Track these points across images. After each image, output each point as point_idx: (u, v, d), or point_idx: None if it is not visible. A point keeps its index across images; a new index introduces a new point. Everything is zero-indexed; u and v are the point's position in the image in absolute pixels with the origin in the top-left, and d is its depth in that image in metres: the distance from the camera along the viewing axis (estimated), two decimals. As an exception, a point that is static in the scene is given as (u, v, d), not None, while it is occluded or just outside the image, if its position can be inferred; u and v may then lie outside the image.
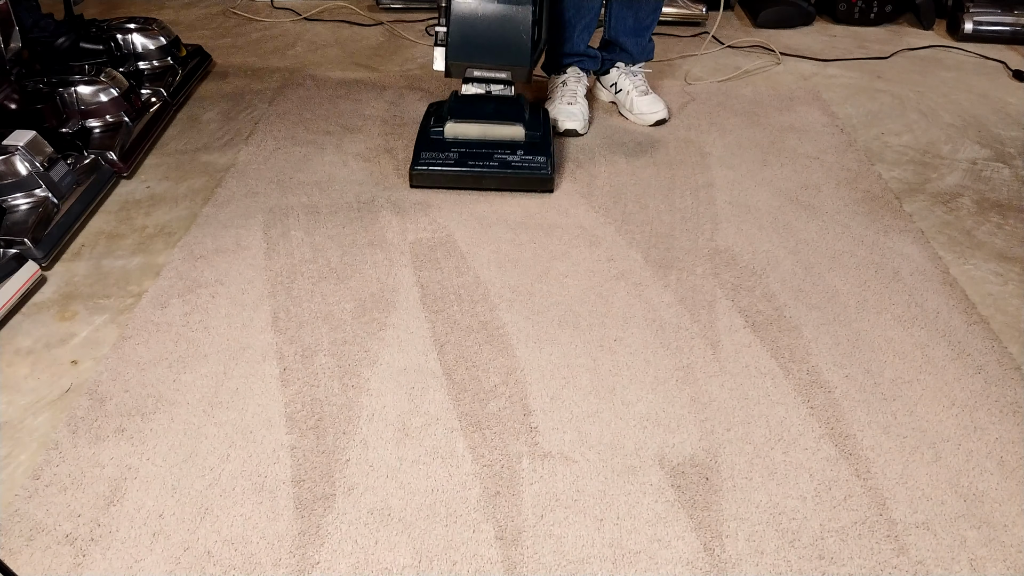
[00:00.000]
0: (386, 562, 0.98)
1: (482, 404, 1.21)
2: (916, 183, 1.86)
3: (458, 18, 1.74)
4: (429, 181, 1.74)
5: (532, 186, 1.75)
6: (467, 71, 1.80)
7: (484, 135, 1.78)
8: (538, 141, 1.79)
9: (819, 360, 1.31)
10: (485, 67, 1.79)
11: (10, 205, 1.56)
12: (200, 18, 2.89)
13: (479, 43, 1.76)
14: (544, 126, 1.84)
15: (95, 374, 1.26)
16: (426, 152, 1.76)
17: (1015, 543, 1.02)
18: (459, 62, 1.79)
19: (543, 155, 1.76)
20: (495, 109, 1.82)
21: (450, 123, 1.78)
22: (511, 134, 1.78)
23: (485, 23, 1.74)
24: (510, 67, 1.79)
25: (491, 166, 1.74)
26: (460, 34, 1.75)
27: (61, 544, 1.00)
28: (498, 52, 1.77)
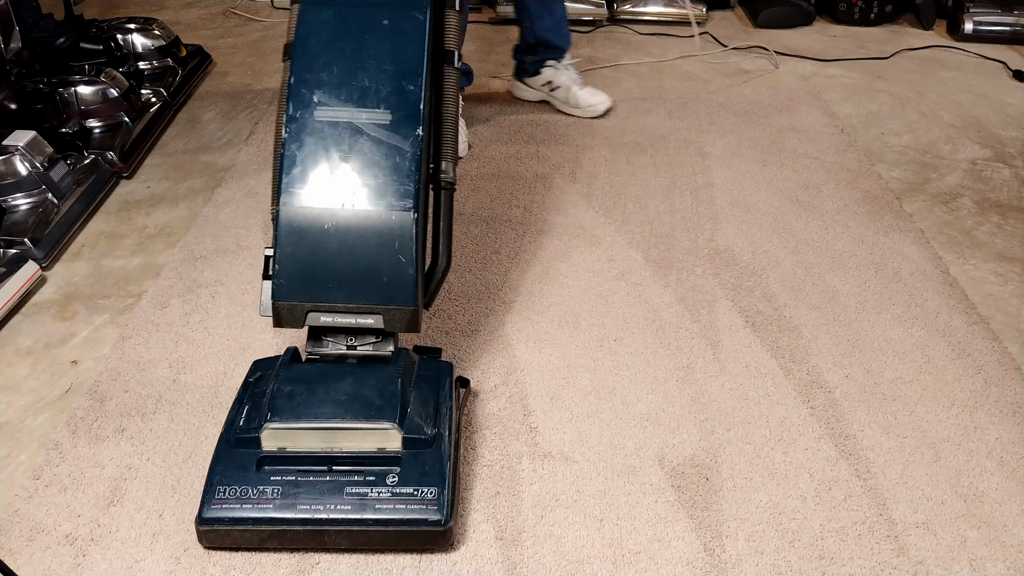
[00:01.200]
0: (386, 562, 0.98)
1: (482, 404, 1.21)
2: (916, 183, 1.86)
3: (292, 233, 1.05)
4: (228, 541, 0.99)
5: (410, 542, 0.99)
6: (310, 317, 1.06)
7: (331, 446, 1.02)
8: (427, 452, 1.02)
9: (819, 360, 1.31)
10: (342, 309, 1.06)
11: (10, 205, 1.56)
12: (200, 18, 2.89)
13: (329, 271, 1.05)
14: (441, 411, 1.07)
15: (95, 374, 1.26)
16: (225, 485, 0.98)
17: (1015, 543, 1.02)
18: (293, 302, 1.06)
19: (435, 483, 0.99)
20: (353, 392, 1.04)
21: (269, 425, 1.01)
22: (378, 442, 1.02)
23: (338, 240, 1.05)
24: (382, 307, 1.06)
25: (337, 511, 0.97)
26: (297, 258, 1.05)
27: (61, 544, 1.00)
28: (363, 284, 1.06)
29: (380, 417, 1.01)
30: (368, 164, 1.05)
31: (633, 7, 2.89)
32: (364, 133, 1.06)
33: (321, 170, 1.05)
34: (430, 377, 1.10)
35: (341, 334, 1.09)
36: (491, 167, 1.87)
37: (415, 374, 1.09)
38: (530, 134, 2.03)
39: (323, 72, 1.08)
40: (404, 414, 1.02)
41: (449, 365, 1.15)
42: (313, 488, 0.98)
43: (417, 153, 1.06)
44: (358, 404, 1.02)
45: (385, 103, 1.07)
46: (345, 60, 1.08)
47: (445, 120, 1.15)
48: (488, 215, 1.68)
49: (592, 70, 2.46)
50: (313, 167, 1.05)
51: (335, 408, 1.02)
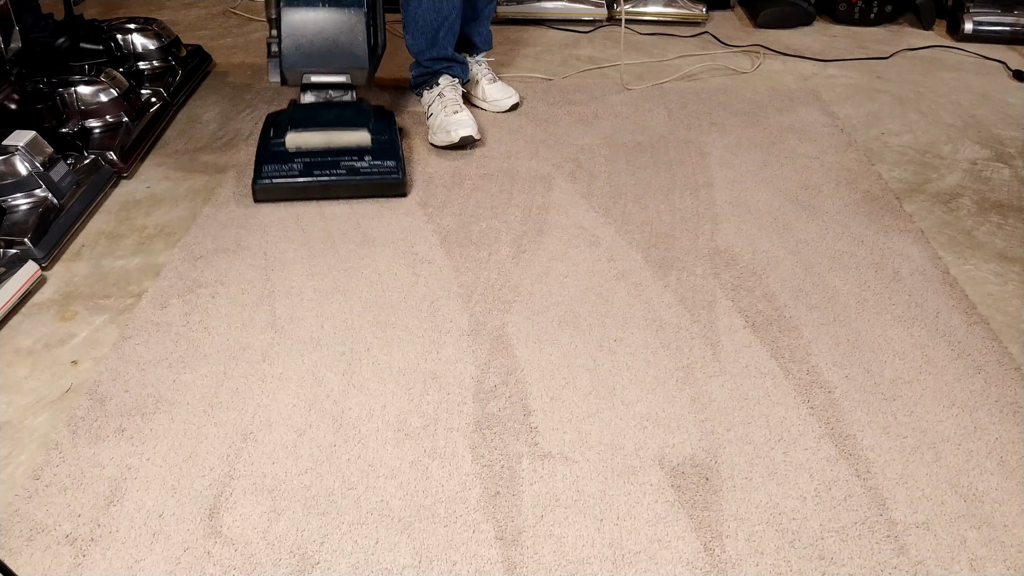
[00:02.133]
0: (386, 562, 0.98)
1: (482, 404, 1.21)
2: (916, 183, 1.86)
3: (290, 26, 1.71)
4: (274, 195, 1.68)
5: (383, 191, 1.70)
6: (304, 77, 1.75)
7: (328, 143, 1.71)
8: (386, 146, 1.73)
9: (819, 360, 1.31)
10: (322, 72, 1.75)
11: (10, 205, 1.56)
12: (200, 18, 2.89)
13: (314, 49, 1.72)
14: (391, 130, 1.79)
15: (95, 374, 1.26)
16: (268, 165, 1.68)
17: (1015, 543, 1.02)
18: (295, 68, 1.74)
19: (392, 159, 1.71)
20: (337, 115, 1.76)
21: (291, 133, 1.70)
22: (356, 140, 1.72)
23: (318, 28, 1.71)
24: (348, 70, 1.75)
25: (338, 174, 1.68)
26: (294, 41, 1.71)
27: (61, 544, 1.00)
28: (335, 56, 1.74)
29: (357, 125, 1.73)
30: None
31: (633, 7, 2.89)
32: None
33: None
34: (381, 113, 1.86)
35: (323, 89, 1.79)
36: (491, 167, 1.87)
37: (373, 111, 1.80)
38: (530, 134, 2.03)
39: None
40: (369, 125, 1.74)
41: (391, 111, 1.90)
42: (322, 164, 1.69)
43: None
44: (343, 119, 1.74)
45: None
46: None
47: None
48: (488, 215, 1.68)
49: (591, 70, 2.47)
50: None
51: (329, 122, 1.73)
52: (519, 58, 2.55)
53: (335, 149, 1.70)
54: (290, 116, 1.73)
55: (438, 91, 2.00)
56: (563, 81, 2.35)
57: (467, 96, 2.13)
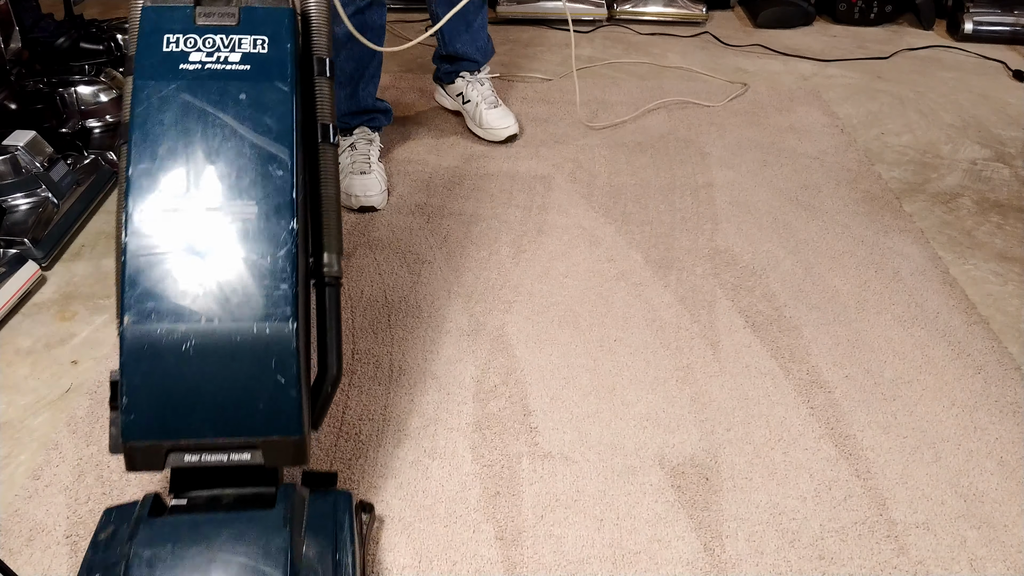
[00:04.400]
0: (386, 562, 0.98)
1: (482, 404, 1.21)
2: (916, 183, 1.86)
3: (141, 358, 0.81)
4: None
5: None
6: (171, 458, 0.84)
7: None
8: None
9: (819, 360, 1.31)
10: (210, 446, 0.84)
11: (10, 205, 1.56)
12: (200, 18, 2.89)
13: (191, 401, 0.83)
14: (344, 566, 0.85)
15: (95, 374, 1.26)
16: None
17: (1015, 543, 1.02)
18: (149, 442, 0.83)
19: None
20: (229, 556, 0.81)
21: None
22: None
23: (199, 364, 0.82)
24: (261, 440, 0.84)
25: None
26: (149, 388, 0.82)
27: (61, 544, 1.00)
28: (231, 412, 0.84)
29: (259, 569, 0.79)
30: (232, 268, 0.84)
31: (633, 7, 2.89)
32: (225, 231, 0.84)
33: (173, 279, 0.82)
34: (325, 516, 0.88)
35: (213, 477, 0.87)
36: (491, 167, 1.87)
37: (306, 515, 0.88)
38: (530, 134, 2.03)
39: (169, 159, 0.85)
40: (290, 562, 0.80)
41: (347, 496, 0.92)
42: None
43: (292, 250, 0.85)
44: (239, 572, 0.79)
45: (248, 194, 0.85)
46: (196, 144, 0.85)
47: (324, 204, 0.96)
48: (488, 215, 1.68)
49: (590, 68, 2.47)
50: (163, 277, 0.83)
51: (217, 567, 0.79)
52: (519, 58, 2.55)
53: None
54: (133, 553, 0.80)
55: (350, 142, 1.74)
56: (563, 81, 2.35)
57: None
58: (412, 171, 1.84)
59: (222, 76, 0.86)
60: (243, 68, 0.86)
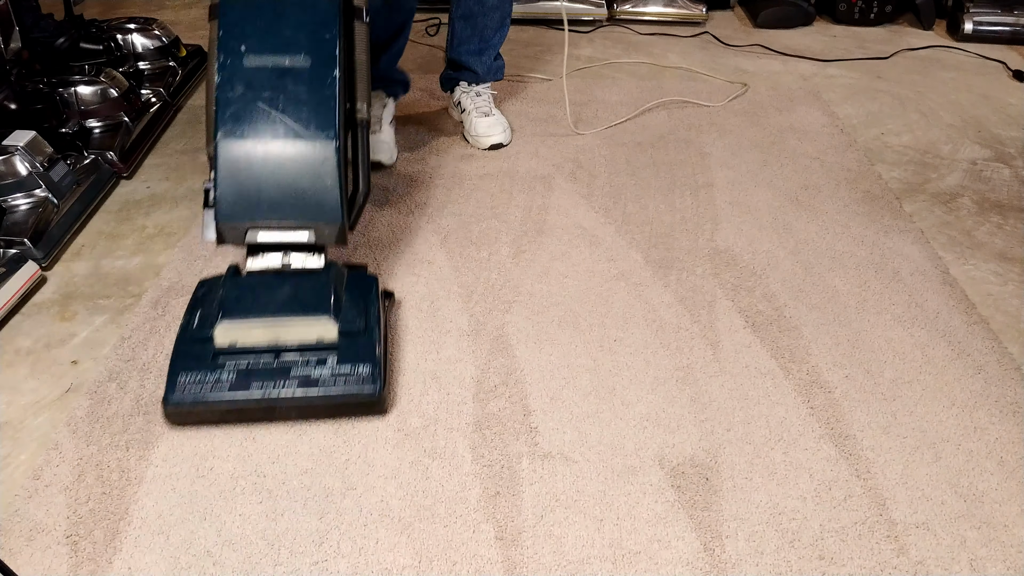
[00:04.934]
0: (386, 562, 0.98)
1: (482, 404, 1.21)
2: (916, 183, 1.86)
3: (229, 162, 1.18)
4: (192, 419, 1.15)
5: (351, 412, 1.17)
6: (248, 234, 1.20)
7: (275, 339, 1.16)
8: (360, 341, 1.17)
9: (819, 360, 1.31)
10: (274, 226, 1.21)
11: (10, 205, 1.56)
12: (200, 18, 2.89)
13: (264, 194, 1.19)
14: (368, 312, 1.21)
15: (95, 374, 1.26)
16: (186, 373, 1.13)
17: (1015, 543, 1.02)
18: (235, 223, 1.20)
19: (367, 361, 1.16)
20: (292, 294, 1.19)
21: (222, 323, 1.15)
22: (317, 333, 1.16)
23: (270, 166, 1.19)
24: (314, 225, 1.21)
25: (287, 389, 1.13)
26: (234, 184, 1.19)
27: (61, 544, 1.00)
28: (294, 204, 1.20)
29: (318, 311, 1.16)
30: (293, 101, 1.21)
31: (633, 7, 2.89)
32: (288, 76, 1.21)
33: (252, 108, 1.20)
34: (359, 285, 1.26)
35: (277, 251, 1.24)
36: (491, 167, 1.87)
37: (346, 282, 1.24)
38: (530, 134, 2.03)
39: (248, 26, 1.22)
40: (339, 310, 1.18)
41: (375, 277, 1.30)
42: (263, 372, 1.13)
43: (335, 92, 1.21)
44: (297, 302, 1.18)
45: (305, 50, 1.22)
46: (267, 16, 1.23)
47: (357, 67, 1.30)
48: (488, 215, 1.68)
49: (589, 68, 2.47)
50: (245, 106, 1.20)
51: (278, 306, 1.17)
52: (519, 58, 2.55)
53: (285, 347, 1.16)
54: (223, 296, 1.18)
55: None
56: (563, 81, 2.34)
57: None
58: (412, 171, 1.84)
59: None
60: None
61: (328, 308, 1.17)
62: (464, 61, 1.97)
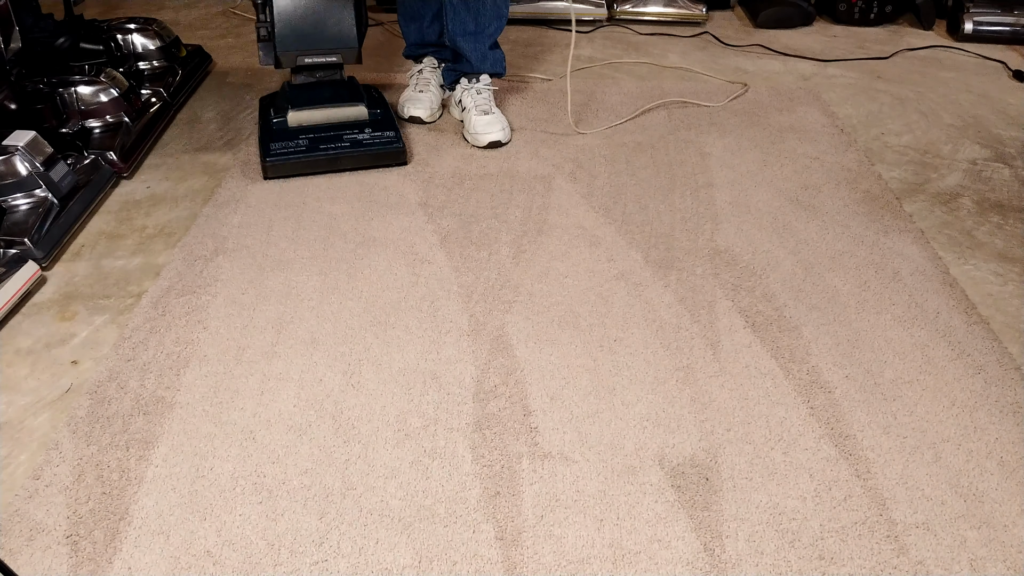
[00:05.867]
0: (386, 562, 0.98)
1: (482, 404, 1.21)
2: (916, 183, 1.86)
3: (282, 10, 1.81)
4: (284, 170, 1.77)
5: (386, 160, 1.82)
6: (298, 59, 1.85)
7: (328, 119, 1.84)
8: (382, 118, 1.87)
9: (819, 360, 1.31)
10: (315, 53, 1.85)
11: (10, 205, 1.56)
12: (200, 18, 2.89)
13: (306, 31, 1.82)
14: (382, 104, 1.91)
15: (95, 374, 1.26)
16: (275, 143, 1.78)
17: (1015, 543, 1.02)
18: (289, 51, 1.83)
19: (391, 129, 1.84)
20: (334, 93, 1.87)
21: (292, 112, 1.82)
22: (355, 114, 1.85)
23: (309, 11, 1.81)
24: (340, 50, 1.86)
25: (343, 147, 1.79)
26: (287, 24, 1.81)
27: (61, 544, 1.00)
28: (325, 37, 1.84)
29: (354, 100, 1.87)
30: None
31: (633, 7, 2.89)
32: None
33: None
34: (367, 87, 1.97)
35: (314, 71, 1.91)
36: (491, 167, 1.87)
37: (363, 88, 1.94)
38: (530, 134, 2.03)
39: None
40: (365, 100, 1.88)
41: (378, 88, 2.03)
42: (325, 138, 1.81)
43: None
44: (339, 96, 1.88)
45: None
46: None
47: None
48: (488, 215, 1.68)
49: (590, 68, 2.47)
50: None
51: (327, 100, 1.86)
52: (519, 58, 2.55)
53: (335, 124, 1.83)
54: (289, 96, 1.85)
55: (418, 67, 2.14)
56: (563, 81, 2.35)
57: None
58: (413, 171, 1.84)
59: None
60: None
61: (361, 98, 1.88)
62: (458, 45, 1.97)
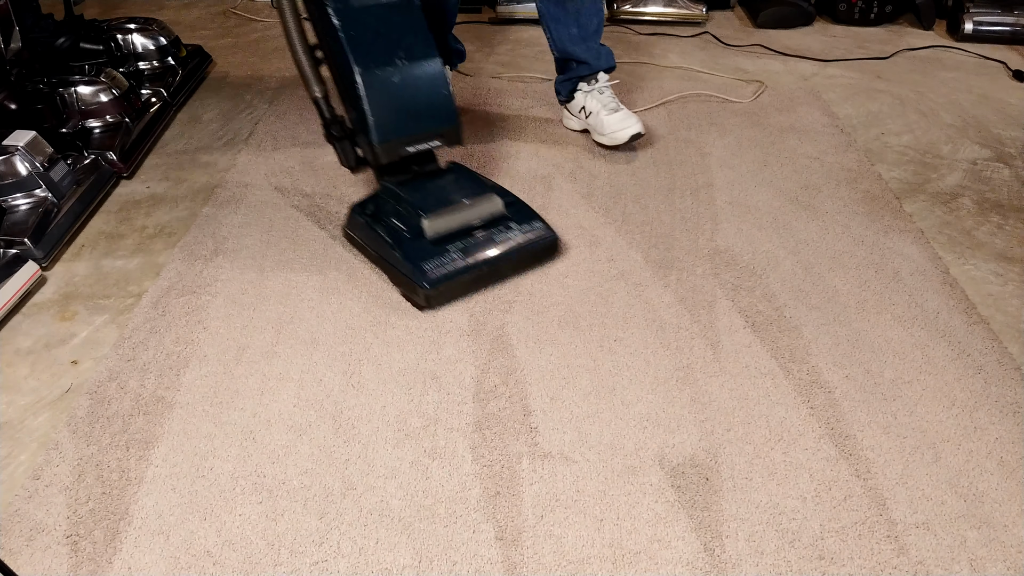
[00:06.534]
0: (386, 562, 0.98)
1: (482, 404, 1.21)
2: (916, 183, 1.86)
3: (375, 92, 1.42)
4: (448, 295, 1.41)
5: (547, 256, 1.52)
6: (401, 150, 1.47)
7: (467, 221, 1.46)
8: (518, 205, 1.53)
9: (819, 360, 1.31)
10: (419, 139, 1.48)
11: (10, 205, 1.56)
12: (200, 18, 2.89)
13: (406, 110, 1.45)
14: (501, 187, 1.58)
15: (95, 374, 1.26)
16: (426, 263, 1.38)
17: (1015, 543, 1.02)
18: (391, 141, 1.45)
19: (535, 217, 1.51)
20: (456, 187, 1.51)
21: (427, 220, 1.41)
22: (492, 209, 1.48)
23: (402, 87, 1.45)
24: (442, 131, 1.50)
25: (502, 253, 1.44)
26: (384, 105, 1.43)
27: (61, 544, 1.00)
28: (424, 115, 1.48)
29: (485, 192, 1.49)
30: (400, 31, 1.46)
31: (633, 7, 2.89)
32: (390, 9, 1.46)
33: (373, 40, 1.43)
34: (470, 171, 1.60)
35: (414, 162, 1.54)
36: (491, 167, 1.87)
37: None
38: (530, 134, 2.03)
39: None
40: (493, 188, 1.52)
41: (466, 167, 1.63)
42: (478, 245, 1.43)
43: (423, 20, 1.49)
44: (466, 190, 1.49)
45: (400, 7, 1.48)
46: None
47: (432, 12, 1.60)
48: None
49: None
50: (367, 39, 1.43)
51: (458, 196, 1.47)
52: (519, 58, 2.55)
53: (476, 225, 1.46)
54: (409, 200, 1.45)
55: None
56: (563, 81, 2.34)
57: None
58: (412, 171, 1.84)
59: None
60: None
61: (491, 188, 1.51)
62: (571, 52, 1.91)
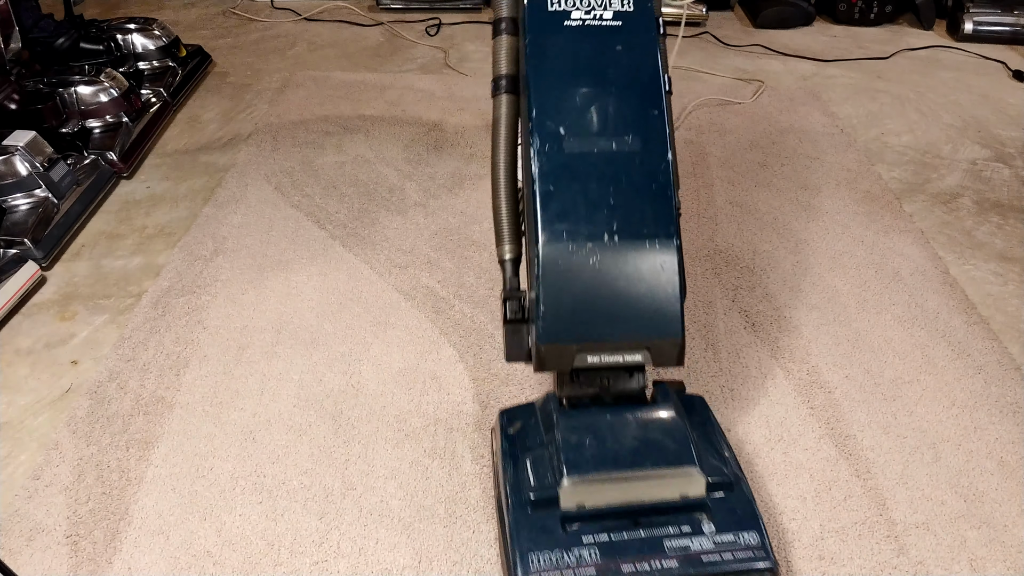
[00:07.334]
0: (386, 562, 0.98)
1: (482, 405, 1.21)
2: (916, 183, 1.86)
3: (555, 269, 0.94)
4: None
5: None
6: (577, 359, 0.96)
7: (629, 498, 0.93)
8: (736, 496, 0.95)
9: (819, 360, 1.31)
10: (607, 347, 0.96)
11: (10, 205, 1.56)
12: (200, 18, 2.89)
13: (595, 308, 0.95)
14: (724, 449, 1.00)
15: (95, 374, 1.26)
16: (535, 553, 0.89)
17: (1015, 543, 1.02)
18: (560, 344, 0.95)
19: (752, 528, 0.92)
20: (641, 435, 0.96)
21: (570, 480, 0.91)
22: (680, 488, 0.94)
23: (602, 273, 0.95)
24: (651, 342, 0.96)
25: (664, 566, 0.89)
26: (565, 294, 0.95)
27: (61, 544, 1.00)
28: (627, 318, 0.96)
29: (681, 462, 0.93)
30: (625, 194, 0.96)
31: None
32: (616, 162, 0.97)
33: (578, 204, 0.95)
34: (692, 410, 1.03)
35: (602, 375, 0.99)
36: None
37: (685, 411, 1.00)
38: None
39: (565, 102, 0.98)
40: (700, 454, 0.94)
41: (702, 399, 1.07)
42: (630, 546, 0.90)
43: (670, 180, 0.97)
44: (653, 447, 0.94)
45: (632, 130, 0.97)
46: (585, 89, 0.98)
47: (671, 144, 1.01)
48: (488, 215, 1.67)
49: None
50: (570, 202, 0.95)
51: (632, 456, 0.93)
52: (519, 58, 2.55)
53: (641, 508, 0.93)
54: (561, 441, 0.94)
55: None
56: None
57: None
58: (412, 171, 1.84)
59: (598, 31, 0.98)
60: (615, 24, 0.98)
61: (691, 455, 0.93)
62: None
